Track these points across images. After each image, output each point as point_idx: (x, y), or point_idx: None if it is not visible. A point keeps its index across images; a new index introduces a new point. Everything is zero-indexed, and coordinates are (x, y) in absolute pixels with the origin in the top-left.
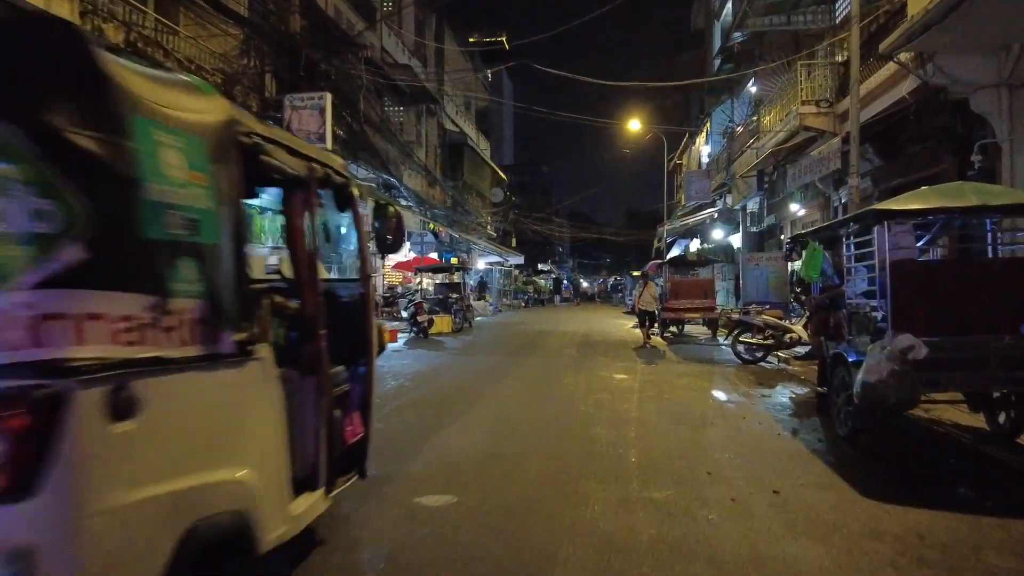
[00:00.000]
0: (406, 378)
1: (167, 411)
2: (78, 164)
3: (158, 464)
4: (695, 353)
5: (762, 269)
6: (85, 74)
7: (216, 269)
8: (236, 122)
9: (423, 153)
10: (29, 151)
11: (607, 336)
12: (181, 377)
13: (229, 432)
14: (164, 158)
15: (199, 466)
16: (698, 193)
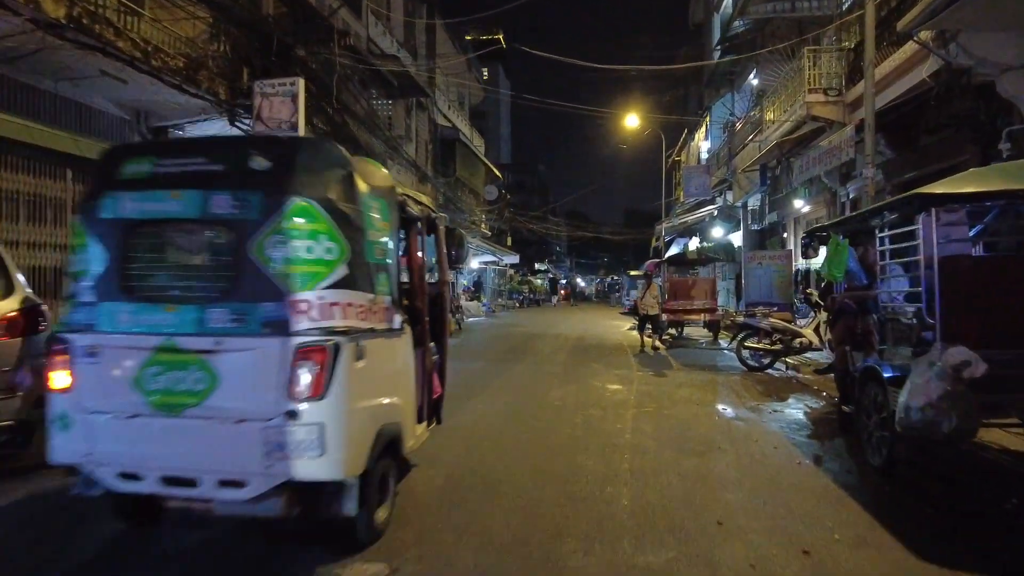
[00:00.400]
0: None
1: (374, 358)
2: (342, 221)
3: (371, 388)
4: (696, 358)
5: (765, 268)
6: (344, 172)
7: (392, 278)
8: (395, 186)
9: (413, 148)
10: (322, 215)
11: (603, 339)
12: (380, 340)
13: (395, 375)
14: (372, 213)
15: (385, 393)
16: (698, 189)
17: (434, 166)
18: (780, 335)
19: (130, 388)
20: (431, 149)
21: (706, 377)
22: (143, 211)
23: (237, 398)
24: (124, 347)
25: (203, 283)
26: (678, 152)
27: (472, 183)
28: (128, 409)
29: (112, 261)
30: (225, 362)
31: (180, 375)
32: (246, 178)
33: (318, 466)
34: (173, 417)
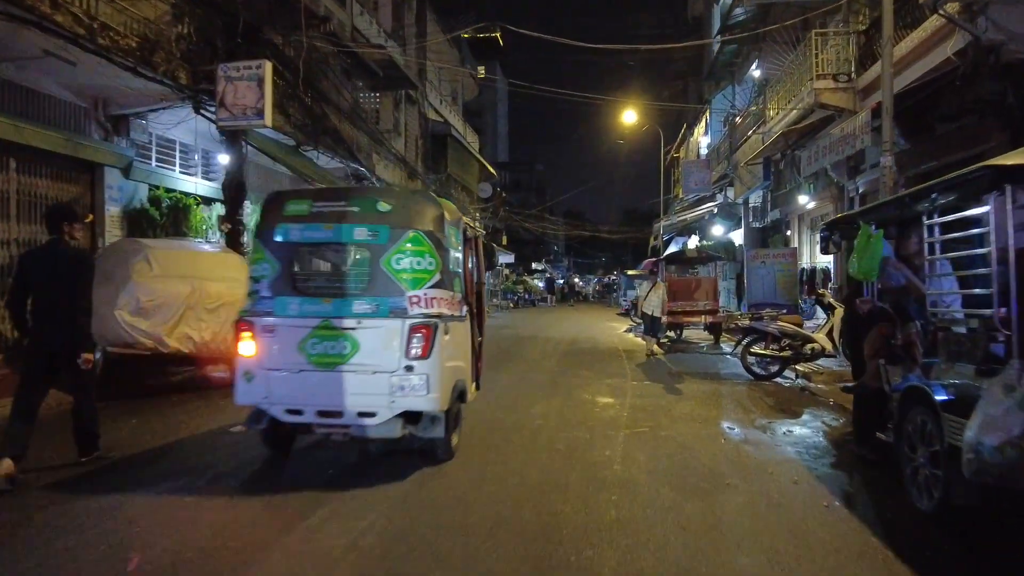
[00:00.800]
0: None
1: (453, 335)
2: (437, 245)
3: (452, 354)
4: (697, 365)
5: (769, 267)
6: (438, 212)
7: (462, 281)
8: (462, 217)
9: (402, 143)
10: (426, 241)
11: (597, 343)
12: (455, 323)
13: (463, 347)
14: (452, 238)
15: (458, 358)
16: (697, 185)
17: (424, 162)
18: (789, 340)
19: (297, 352)
20: (421, 144)
21: (708, 388)
22: (306, 237)
23: (372, 358)
24: (293, 326)
25: (349, 284)
26: (677, 148)
27: (465, 180)
28: (295, 367)
29: (284, 269)
30: (364, 335)
31: (333, 344)
32: (377, 216)
33: (424, 402)
34: (327, 371)
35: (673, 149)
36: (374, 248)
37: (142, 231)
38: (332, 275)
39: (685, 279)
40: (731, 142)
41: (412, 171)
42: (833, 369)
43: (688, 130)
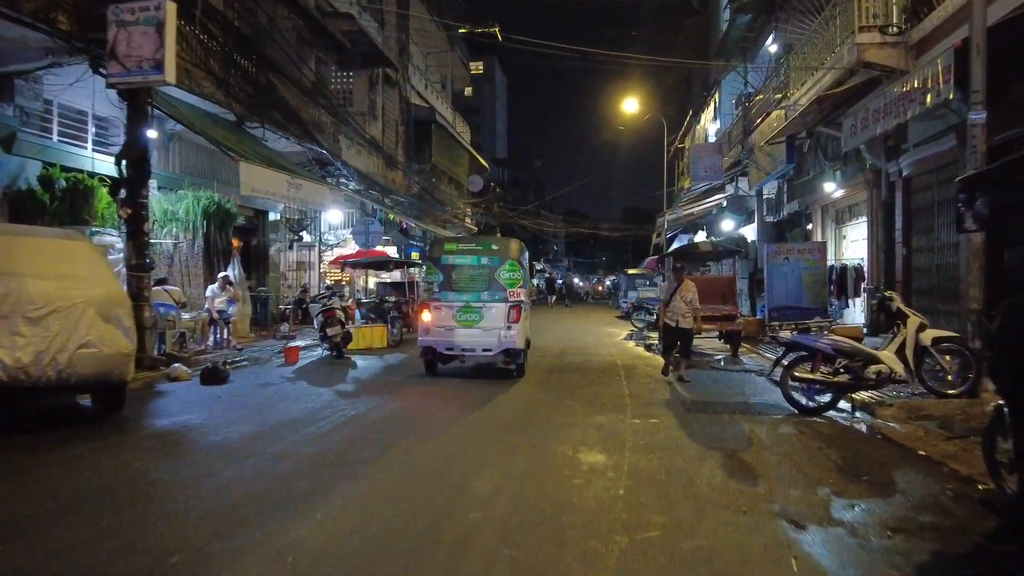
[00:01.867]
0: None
1: (526, 312)
2: (521, 266)
3: (527, 323)
4: (717, 388)
5: (793, 264)
6: (520, 249)
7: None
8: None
9: (379, 128)
10: (518, 264)
11: (590, 355)
12: (527, 306)
13: (529, 318)
14: (524, 260)
15: (528, 325)
16: (708, 172)
17: (406, 150)
18: (846, 360)
19: (452, 318)
20: (403, 131)
21: (740, 430)
22: (457, 261)
23: (491, 322)
24: (450, 305)
25: (478, 285)
26: (681, 138)
27: (453, 172)
28: (453, 325)
29: (446, 277)
30: (487, 310)
31: (470, 315)
32: (491, 252)
33: (515, 344)
34: (468, 328)
35: (678, 139)
36: (490, 268)
37: (28, 218)
38: (470, 281)
39: (697, 279)
40: (745, 124)
41: (390, 159)
42: (902, 397)
43: (694, 117)
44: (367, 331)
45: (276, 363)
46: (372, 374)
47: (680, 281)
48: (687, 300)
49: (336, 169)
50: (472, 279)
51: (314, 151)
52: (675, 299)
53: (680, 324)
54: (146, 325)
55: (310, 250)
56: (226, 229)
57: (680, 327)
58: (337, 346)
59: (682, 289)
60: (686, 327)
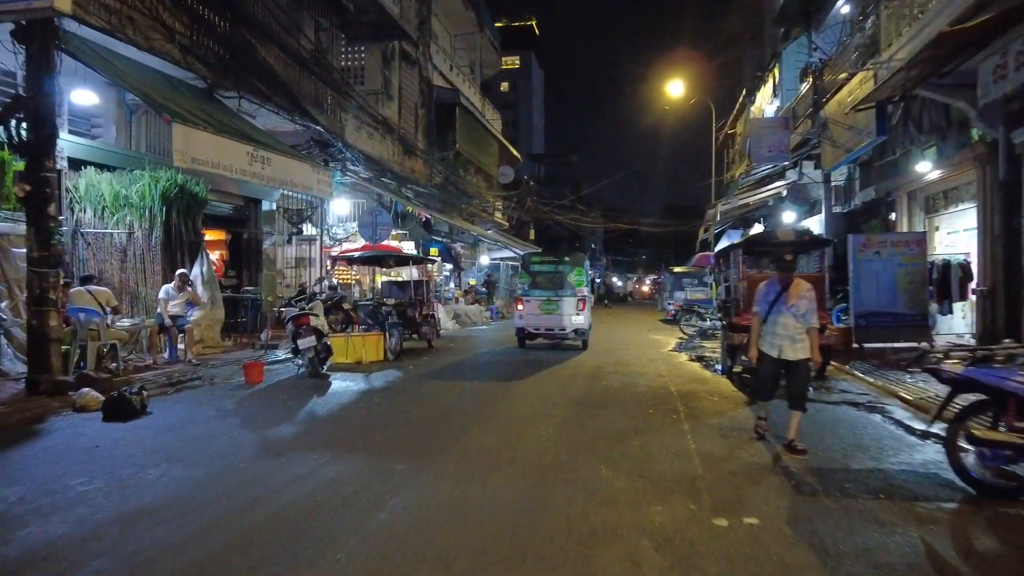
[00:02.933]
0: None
1: (589, 303)
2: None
3: (590, 312)
4: (824, 438)
5: (886, 260)
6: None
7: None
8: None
9: (394, 109)
10: (582, 269)
11: (632, 375)
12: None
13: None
14: (586, 267)
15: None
16: (773, 150)
17: (427, 134)
18: None
19: (539, 308)
20: (423, 114)
21: (905, 543)
22: (541, 269)
23: (565, 310)
24: (537, 299)
25: (556, 285)
26: (732, 122)
27: (481, 161)
28: (538, 314)
29: (533, 280)
30: (562, 302)
31: (551, 305)
32: (565, 262)
33: (584, 325)
34: (550, 315)
35: (728, 124)
36: (563, 273)
37: None
38: (550, 282)
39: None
40: (815, 96)
41: (408, 144)
42: None
43: (748, 97)
44: (357, 341)
45: (234, 383)
46: (337, 408)
47: (788, 282)
48: (800, 312)
49: (338, 151)
50: (551, 281)
51: (313, 130)
52: (781, 311)
53: (787, 353)
54: (52, 336)
55: (311, 244)
56: (193, 217)
57: (787, 358)
58: (312, 361)
59: (791, 294)
60: (797, 358)
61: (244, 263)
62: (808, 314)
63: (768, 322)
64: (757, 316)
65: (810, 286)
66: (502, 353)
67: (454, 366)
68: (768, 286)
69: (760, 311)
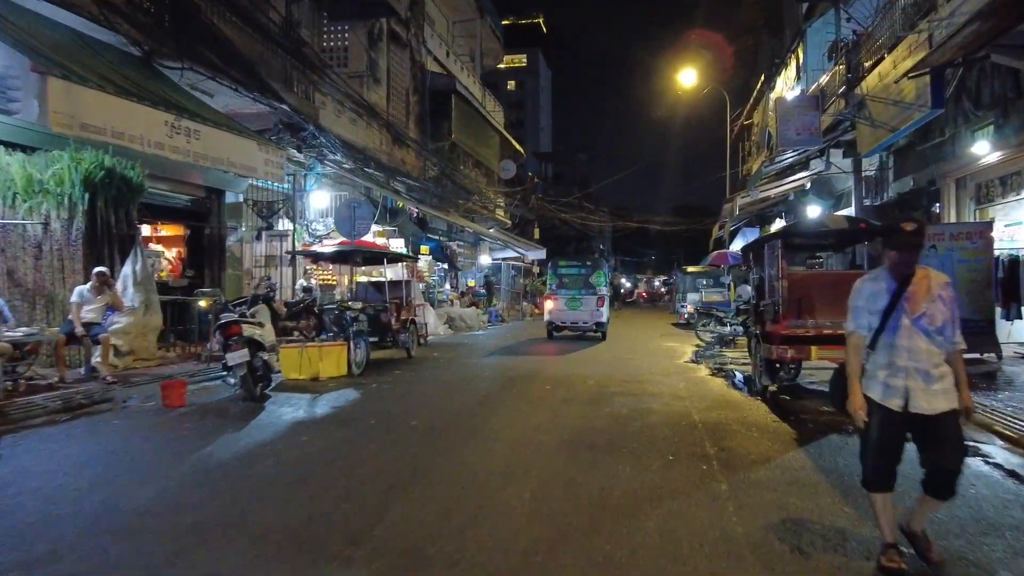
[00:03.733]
0: None
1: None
2: (604, 273)
3: (607, 307)
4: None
5: (944, 256)
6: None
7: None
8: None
9: (383, 94)
10: (602, 271)
11: (643, 398)
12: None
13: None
14: (605, 269)
15: (609, 307)
16: (801, 133)
17: (419, 124)
18: None
19: (565, 305)
20: (415, 101)
21: None
22: (566, 271)
23: (587, 306)
24: (563, 297)
25: (580, 284)
26: (749, 112)
27: (480, 154)
28: (565, 309)
29: (560, 280)
30: (584, 299)
31: (575, 302)
32: (587, 265)
33: (603, 319)
34: (574, 311)
35: (744, 113)
36: (587, 274)
37: None
38: (574, 283)
39: (822, 276)
40: (848, 73)
41: (397, 132)
42: None
43: (767, 83)
44: (313, 353)
45: (151, 407)
46: (246, 452)
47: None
48: (936, 326)
49: (311, 136)
50: (575, 281)
51: (280, 111)
52: (902, 325)
53: (918, 401)
54: None
55: (282, 241)
56: (126, 206)
57: (921, 410)
58: (245, 381)
59: (917, 295)
60: (939, 410)
61: (206, 261)
62: (948, 328)
63: (880, 347)
64: (856, 338)
65: (946, 279)
66: (488, 366)
67: (427, 383)
68: (872, 284)
69: (861, 329)
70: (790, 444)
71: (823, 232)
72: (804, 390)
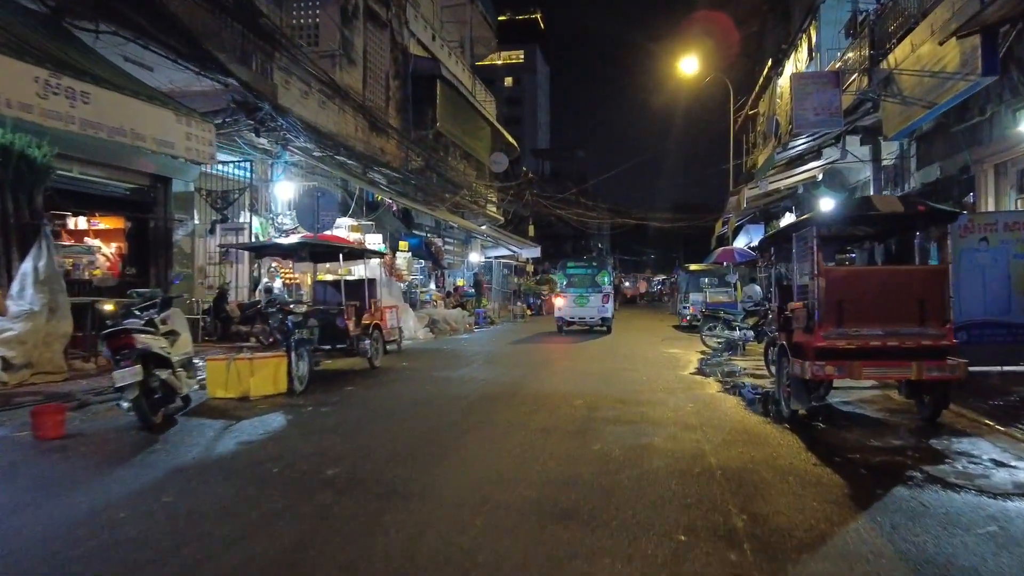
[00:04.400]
0: None
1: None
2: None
3: (612, 301)
4: None
5: (998, 250)
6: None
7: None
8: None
9: (358, 76)
10: (607, 272)
11: (642, 430)
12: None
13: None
14: (610, 269)
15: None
16: (820, 113)
17: (400, 111)
18: None
19: (574, 302)
20: (396, 86)
21: None
22: (575, 271)
23: (593, 302)
24: (573, 295)
25: (587, 283)
26: (754, 101)
27: (468, 145)
28: (574, 306)
29: (569, 280)
30: (591, 296)
31: (584, 299)
32: (593, 266)
33: (608, 314)
34: (583, 307)
35: (750, 102)
36: (593, 274)
37: None
38: (581, 282)
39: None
40: (872, 49)
41: (374, 118)
42: None
43: (775, 68)
44: (243, 367)
45: (21, 437)
46: (77, 522)
47: None
48: None
49: (269, 116)
50: (583, 281)
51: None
52: None
53: None
54: None
55: (238, 235)
56: (29, 191)
57: None
58: (138, 405)
59: None
60: None
61: (151, 258)
62: None
63: None
64: None
65: None
66: (461, 380)
67: (376, 405)
68: None
69: None
70: (844, 505)
71: (869, 217)
72: (839, 414)
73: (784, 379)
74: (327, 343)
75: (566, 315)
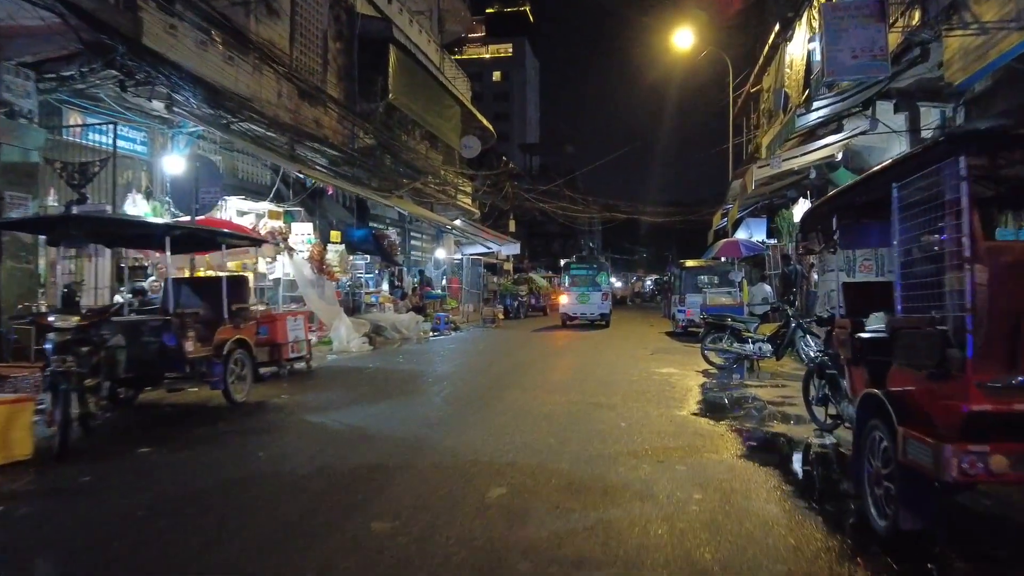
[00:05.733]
0: None
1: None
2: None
3: (610, 300)
4: None
5: None
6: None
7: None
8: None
9: (283, 32)
10: (605, 270)
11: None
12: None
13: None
14: (608, 269)
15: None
16: (862, 55)
17: (343, 79)
18: None
19: (576, 298)
20: (339, 49)
21: None
22: (577, 272)
23: (594, 299)
24: (576, 292)
25: (588, 283)
26: (758, 76)
27: (432, 124)
28: (576, 302)
29: (571, 280)
30: (592, 294)
31: (585, 296)
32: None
33: (607, 311)
34: (584, 304)
35: (753, 77)
36: (595, 275)
37: None
38: (583, 281)
39: None
40: None
41: (302, 83)
42: None
43: (782, 35)
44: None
45: None
46: None
47: None
48: None
49: (133, 63)
50: (584, 280)
51: (77, 25)
52: None
53: None
54: None
55: None
56: None
57: None
58: None
59: None
60: None
61: None
62: None
63: None
64: None
65: None
66: (345, 434)
67: (153, 501)
68: None
69: None
70: None
71: None
72: (973, 521)
73: (873, 464)
74: (156, 369)
75: (569, 311)
